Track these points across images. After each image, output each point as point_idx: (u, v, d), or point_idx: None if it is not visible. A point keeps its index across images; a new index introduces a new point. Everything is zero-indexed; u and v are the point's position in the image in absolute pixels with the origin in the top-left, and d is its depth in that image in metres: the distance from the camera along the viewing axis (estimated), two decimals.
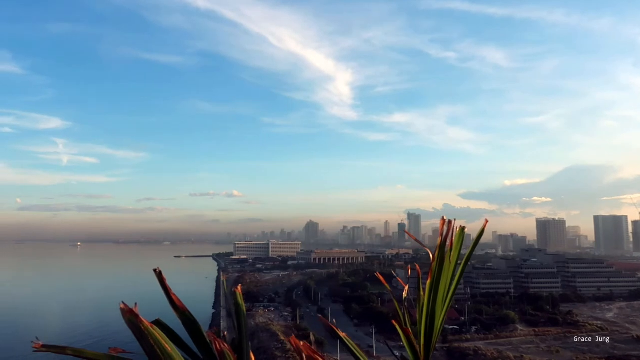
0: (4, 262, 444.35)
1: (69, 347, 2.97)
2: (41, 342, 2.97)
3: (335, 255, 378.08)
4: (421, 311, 3.83)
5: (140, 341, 3.13)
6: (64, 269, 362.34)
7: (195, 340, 3.50)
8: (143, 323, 3.13)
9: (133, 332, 3.15)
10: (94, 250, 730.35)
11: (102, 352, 3.14)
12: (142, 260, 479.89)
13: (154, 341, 3.10)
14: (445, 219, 3.76)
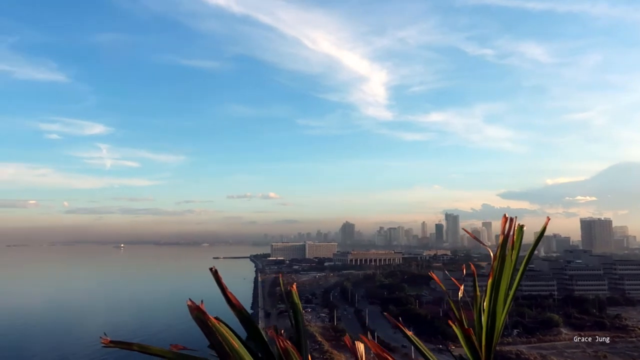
0: (59, 264, 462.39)
1: (135, 343, 3.03)
2: (109, 338, 3.05)
3: (372, 257, 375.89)
4: (479, 311, 3.76)
5: (208, 337, 3.17)
6: (113, 270, 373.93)
7: (252, 338, 3.49)
8: (210, 319, 3.18)
9: (200, 328, 3.20)
10: (136, 252, 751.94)
11: (167, 349, 3.17)
12: (182, 261, 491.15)
13: (221, 337, 3.15)
14: (507, 217, 3.66)
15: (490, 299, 3.74)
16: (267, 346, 3.44)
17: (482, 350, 3.66)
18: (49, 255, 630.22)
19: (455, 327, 3.72)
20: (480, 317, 3.77)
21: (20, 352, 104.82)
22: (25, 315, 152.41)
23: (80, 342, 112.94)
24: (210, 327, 3.18)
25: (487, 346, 3.68)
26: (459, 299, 4.18)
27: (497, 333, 3.71)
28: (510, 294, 3.78)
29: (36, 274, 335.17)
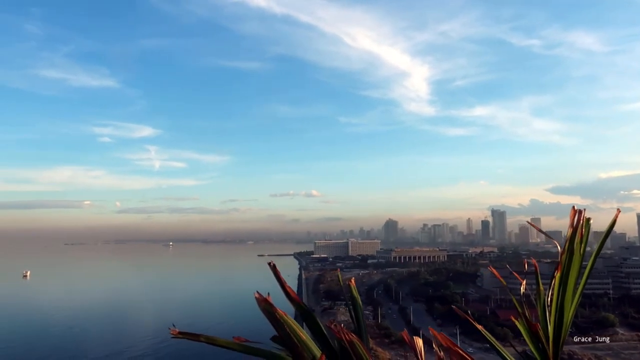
0: (114, 261, 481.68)
1: (202, 334, 3.08)
2: (177, 329, 3.12)
3: (416, 254, 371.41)
4: (543, 307, 3.63)
5: (276, 329, 3.20)
6: (164, 268, 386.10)
7: (311, 331, 3.48)
8: (278, 312, 3.20)
9: (269, 320, 3.25)
10: (184, 250, 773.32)
11: (232, 340, 3.21)
12: (229, 258, 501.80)
13: (289, 329, 3.16)
14: (576, 209, 3.54)
15: (558, 293, 3.61)
16: (327, 339, 3.41)
17: (549, 347, 3.52)
18: (104, 253, 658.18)
19: (518, 322, 3.61)
20: (545, 312, 3.63)
21: (81, 344, 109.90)
22: (86, 309, 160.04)
23: (137, 336, 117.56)
24: (279, 319, 3.20)
25: (555, 342, 3.54)
26: (521, 294, 4.11)
27: (565, 329, 3.59)
28: (578, 288, 3.65)
29: (95, 270, 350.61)
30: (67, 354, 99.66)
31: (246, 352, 3.19)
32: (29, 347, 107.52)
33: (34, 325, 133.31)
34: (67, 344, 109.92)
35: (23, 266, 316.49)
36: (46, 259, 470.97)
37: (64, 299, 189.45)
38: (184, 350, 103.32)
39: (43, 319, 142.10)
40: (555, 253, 3.55)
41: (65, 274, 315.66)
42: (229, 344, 3.19)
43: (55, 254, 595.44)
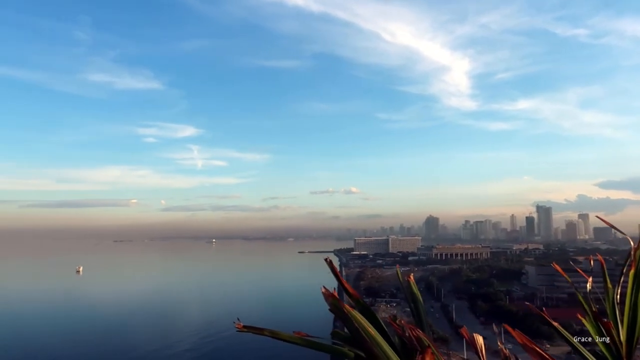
0: (161, 257, 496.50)
1: (266, 328, 3.13)
2: (242, 323, 3.21)
3: (458, 251, 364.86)
4: (612, 304, 3.49)
5: (345, 324, 3.14)
6: (210, 264, 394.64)
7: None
8: (345, 307, 3.16)
9: (336, 315, 3.20)
10: (227, 247, 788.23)
11: (295, 335, 3.20)
12: (270, 255, 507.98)
13: (358, 324, 3.11)
14: None
15: (632, 290, 3.43)
16: (387, 335, 3.36)
17: (622, 346, 3.34)
18: (150, 250, 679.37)
19: (586, 321, 3.49)
20: (615, 310, 3.47)
21: (130, 338, 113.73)
22: (135, 304, 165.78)
23: (183, 331, 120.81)
24: (346, 314, 3.15)
25: (628, 342, 3.35)
26: (587, 291, 3.98)
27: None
28: None
29: (142, 266, 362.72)
30: (117, 348, 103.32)
31: (309, 346, 3.18)
32: (83, 339, 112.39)
33: (87, 318, 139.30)
34: (117, 338, 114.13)
35: (76, 262, 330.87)
36: (97, 256, 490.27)
37: (114, 293, 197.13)
38: (227, 346, 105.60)
39: (95, 313, 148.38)
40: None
41: (115, 270, 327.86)
42: (291, 339, 3.17)
43: (105, 251, 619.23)
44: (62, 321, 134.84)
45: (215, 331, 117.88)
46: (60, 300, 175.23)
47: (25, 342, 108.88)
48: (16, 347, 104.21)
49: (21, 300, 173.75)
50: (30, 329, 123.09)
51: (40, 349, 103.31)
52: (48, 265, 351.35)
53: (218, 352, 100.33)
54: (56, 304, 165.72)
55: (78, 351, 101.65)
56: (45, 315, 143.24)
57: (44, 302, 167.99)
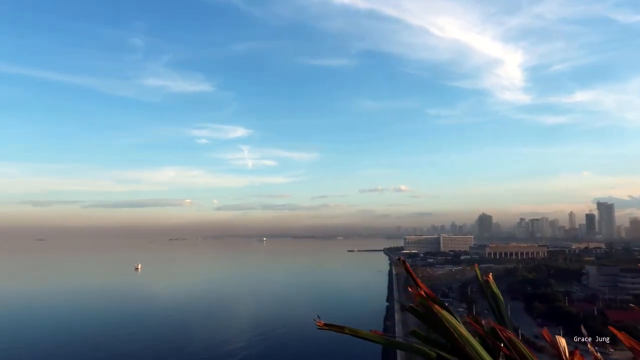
0: (215, 255, 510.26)
1: (346, 326, 3.07)
2: (323, 321, 3.14)
3: (512, 250, 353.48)
4: None
5: (433, 324, 3.06)
6: (262, 262, 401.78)
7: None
8: (434, 306, 3.06)
9: (424, 314, 3.10)
10: (277, 245, 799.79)
11: (374, 334, 3.13)
12: (320, 253, 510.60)
13: (448, 323, 3.05)
14: None
15: None
16: (452, 334, 3.22)
17: None
18: (204, 248, 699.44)
19: None
20: None
21: (186, 334, 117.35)
22: (191, 301, 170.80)
23: (237, 328, 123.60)
24: (436, 313, 3.08)
25: None
26: None
27: None
28: None
29: (197, 264, 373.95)
30: (173, 345, 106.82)
31: (388, 345, 3.12)
32: (142, 333, 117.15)
33: (146, 313, 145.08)
34: (174, 332, 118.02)
35: (134, 259, 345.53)
36: (154, 253, 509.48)
37: (171, 290, 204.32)
38: (281, 344, 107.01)
39: (153, 308, 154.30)
40: None
41: (171, 267, 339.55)
42: (371, 337, 3.11)
43: (161, 249, 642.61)
44: (122, 316, 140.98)
45: (269, 329, 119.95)
46: (121, 296, 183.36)
47: (89, 335, 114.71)
48: (82, 340, 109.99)
49: (86, 295, 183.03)
50: (93, 323, 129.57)
51: (103, 341, 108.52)
52: (109, 263, 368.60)
53: (271, 350, 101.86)
54: (117, 299, 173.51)
55: (137, 345, 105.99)
56: (107, 310, 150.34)
57: (106, 298, 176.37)
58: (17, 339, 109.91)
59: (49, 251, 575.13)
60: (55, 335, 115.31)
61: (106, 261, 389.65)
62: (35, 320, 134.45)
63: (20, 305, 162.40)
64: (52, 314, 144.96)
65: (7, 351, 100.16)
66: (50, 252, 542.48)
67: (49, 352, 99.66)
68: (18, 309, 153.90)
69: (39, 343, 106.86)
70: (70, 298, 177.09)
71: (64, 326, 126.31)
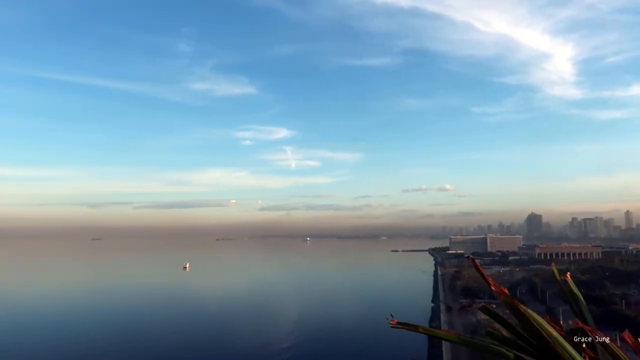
0: (261, 255, 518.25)
1: (420, 325, 3.06)
2: (396, 320, 3.08)
3: (564, 250, 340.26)
4: None
5: (521, 323, 3.03)
6: (308, 261, 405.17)
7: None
8: (520, 305, 3.05)
9: (512, 313, 3.09)
10: (321, 245, 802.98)
11: (451, 333, 3.14)
12: (364, 253, 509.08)
13: (536, 323, 3.03)
14: None
15: None
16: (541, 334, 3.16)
17: None
18: (250, 248, 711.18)
19: None
20: None
21: (233, 334, 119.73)
22: (238, 300, 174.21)
23: (284, 329, 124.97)
24: (522, 312, 3.06)
25: None
26: None
27: None
28: None
29: (243, 263, 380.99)
30: (220, 343, 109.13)
31: (464, 344, 3.08)
32: (191, 331, 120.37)
33: (195, 311, 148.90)
34: (221, 332, 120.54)
35: (183, 259, 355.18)
36: (201, 253, 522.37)
37: (218, 288, 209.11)
38: (326, 345, 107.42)
39: (202, 306, 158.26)
40: None
41: (219, 266, 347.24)
42: (446, 336, 3.09)
43: (208, 248, 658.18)
44: (172, 313, 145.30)
45: (315, 328, 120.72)
46: (170, 294, 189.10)
47: (141, 331, 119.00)
48: (134, 336, 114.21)
49: (138, 293, 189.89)
50: (146, 320, 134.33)
51: (154, 338, 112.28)
52: (159, 262, 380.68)
53: (318, 349, 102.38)
54: (166, 297, 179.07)
55: (186, 343, 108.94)
56: (158, 308, 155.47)
57: (156, 296, 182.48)
58: (75, 334, 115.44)
59: (104, 250, 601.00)
60: (110, 329, 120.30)
61: (156, 260, 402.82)
62: (90, 316, 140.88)
63: (80, 301, 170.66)
64: (108, 310, 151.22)
65: (67, 346, 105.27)
66: (105, 251, 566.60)
67: (100, 347, 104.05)
68: (78, 305, 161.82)
69: (94, 339, 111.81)
70: (124, 295, 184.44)
71: (118, 322, 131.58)
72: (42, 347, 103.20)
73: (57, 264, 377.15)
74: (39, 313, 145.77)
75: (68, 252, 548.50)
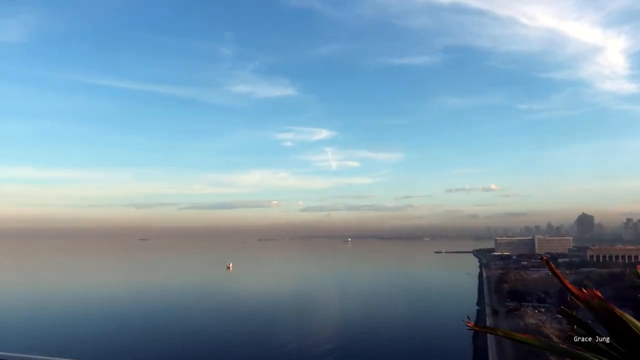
0: (304, 255, 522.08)
1: (499, 328, 3.08)
2: (472, 322, 3.13)
3: (619, 253, 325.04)
4: None
5: (613, 326, 2.95)
6: (349, 262, 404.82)
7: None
8: (616, 309, 2.96)
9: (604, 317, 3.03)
10: (363, 246, 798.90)
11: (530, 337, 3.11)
12: (406, 254, 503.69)
13: (634, 326, 2.86)
14: None
15: None
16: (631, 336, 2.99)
17: None
18: (291, 248, 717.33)
19: None
20: None
21: (275, 334, 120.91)
22: (280, 300, 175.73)
23: (329, 328, 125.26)
24: (617, 315, 2.96)
25: None
26: None
27: None
28: None
29: (286, 264, 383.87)
30: (264, 342, 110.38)
31: (545, 349, 3.07)
32: (235, 329, 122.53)
33: (238, 311, 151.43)
34: (264, 331, 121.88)
35: (226, 259, 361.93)
36: (244, 253, 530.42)
37: (261, 288, 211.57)
38: (368, 347, 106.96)
39: (246, 306, 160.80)
40: None
41: (261, 267, 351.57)
42: (526, 340, 3.06)
43: (251, 249, 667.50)
44: (216, 312, 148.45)
45: (357, 329, 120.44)
46: (214, 293, 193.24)
47: (188, 329, 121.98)
48: (181, 334, 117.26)
49: (185, 292, 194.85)
50: (192, 318, 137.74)
51: (200, 336, 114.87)
52: (203, 262, 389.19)
53: (360, 351, 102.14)
54: (211, 296, 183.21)
55: (230, 341, 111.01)
56: (203, 306, 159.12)
57: (202, 294, 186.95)
58: (125, 330, 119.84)
59: (151, 250, 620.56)
60: (158, 327, 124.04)
61: (201, 260, 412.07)
62: (143, 313, 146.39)
63: (134, 299, 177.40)
64: (156, 308, 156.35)
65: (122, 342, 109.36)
66: (152, 251, 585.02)
67: (150, 345, 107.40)
68: (132, 302, 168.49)
69: (147, 333, 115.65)
70: (171, 293, 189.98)
71: (166, 319, 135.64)
72: (101, 340, 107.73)
73: (109, 263, 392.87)
74: (101, 310, 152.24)
75: (118, 252, 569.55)
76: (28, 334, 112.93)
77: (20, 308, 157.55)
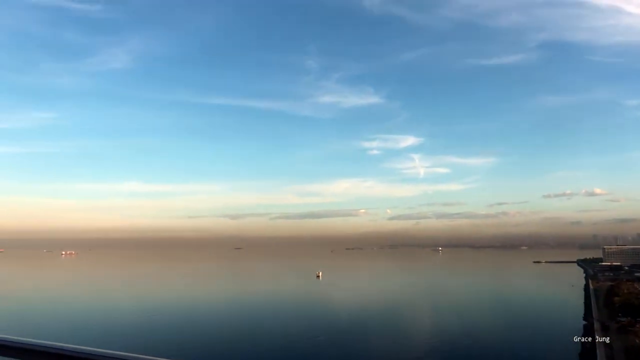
0: (394, 265, 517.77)
1: None
2: None
3: None
4: None
5: None
6: (441, 273, 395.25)
7: None
8: None
9: None
10: (455, 255, 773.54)
11: None
12: (502, 264, 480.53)
13: None
14: None
15: None
16: None
17: None
18: (380, 257, 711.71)
19: None
20: None
21: (369, 341, 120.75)
22: (370, 308, 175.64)
23: (416, 339, 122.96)
24: None
25: None
26: None
27: None
28: None
29: (374, 273, 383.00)
30: (353, 351, 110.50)
31: None
32: (324, 338, 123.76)
33: (328, 319, 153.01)
34: (354, 340, 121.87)
35: (316, 267, 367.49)
36: (333, 262, 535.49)
37: (350, 297, 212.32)
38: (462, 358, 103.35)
39: (334, 315, 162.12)
40: None
41: (350, 275, 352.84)
42: None
43: (339, 258, 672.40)
44: (310, 321, 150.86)
45: (449, 342, 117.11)
46: (305, 301, 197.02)
47: (281, 335, 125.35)
48: (276, 339, 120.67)
49: (280, 301, 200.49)
50: (282, 325, 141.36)
51: (290, 343, 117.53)
52: (294, 270, 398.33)
53: None
54: (302, 304, 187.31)
55: (320, 348, 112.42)
56: (294, 314, 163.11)
57: (295, 303, 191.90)
58: (226, 333, 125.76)
59: (246, 259, 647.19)
60: (254, 334, 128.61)
61: (291, 268, 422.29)
62: (239, 318, 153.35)
63: (231, 305, 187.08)
64: (250, 314, 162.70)
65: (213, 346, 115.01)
66: (246, 260, 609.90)
67: (249, 348, 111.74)
68: (231, 308, 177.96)
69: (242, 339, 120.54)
70: (268, 301, 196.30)
71: (259, 326, 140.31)
72: (203, 342, 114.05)
73: (210, 270, 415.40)
74: (207, 315, 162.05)
75: (217, 261, 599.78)
76: (140, 335, 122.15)
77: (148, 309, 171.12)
